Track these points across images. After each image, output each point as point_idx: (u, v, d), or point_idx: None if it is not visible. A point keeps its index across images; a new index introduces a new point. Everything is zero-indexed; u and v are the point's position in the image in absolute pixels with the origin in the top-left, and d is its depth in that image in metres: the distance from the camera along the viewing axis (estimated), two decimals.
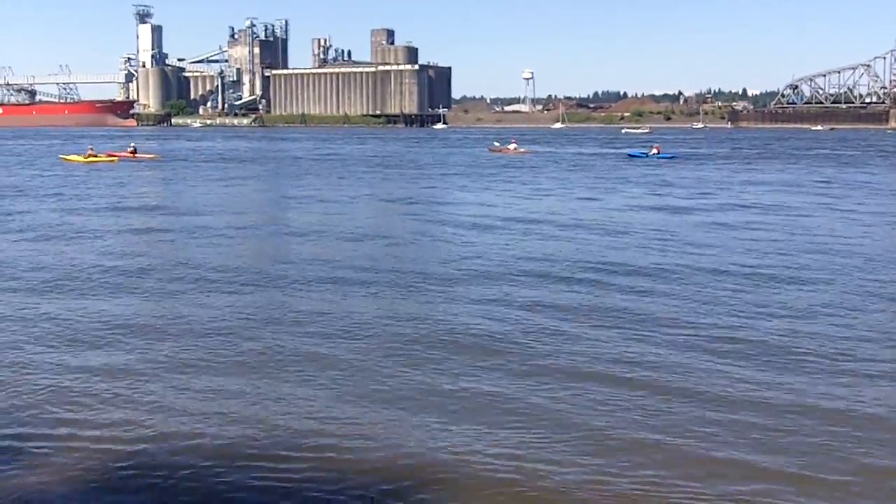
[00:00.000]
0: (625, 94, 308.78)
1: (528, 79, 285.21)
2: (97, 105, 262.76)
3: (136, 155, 65.09)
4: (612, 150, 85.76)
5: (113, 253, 20.45)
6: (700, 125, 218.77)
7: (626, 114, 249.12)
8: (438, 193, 38.31)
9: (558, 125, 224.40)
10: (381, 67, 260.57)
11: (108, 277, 17.18)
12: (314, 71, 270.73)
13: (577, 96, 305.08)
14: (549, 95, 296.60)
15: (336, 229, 24.78)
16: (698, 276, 17.27)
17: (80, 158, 61.45)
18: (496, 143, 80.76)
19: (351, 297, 15.27)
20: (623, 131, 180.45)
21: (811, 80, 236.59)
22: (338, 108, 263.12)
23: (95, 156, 61.62)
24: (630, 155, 70.24)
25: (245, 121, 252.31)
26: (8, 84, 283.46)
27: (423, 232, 24.60)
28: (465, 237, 23.29)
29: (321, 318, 13.53)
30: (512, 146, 75.69)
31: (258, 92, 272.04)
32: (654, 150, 66.85)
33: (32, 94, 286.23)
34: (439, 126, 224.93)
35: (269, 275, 17.42)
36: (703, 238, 22.99)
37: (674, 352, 11.74)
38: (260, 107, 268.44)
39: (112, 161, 61.31)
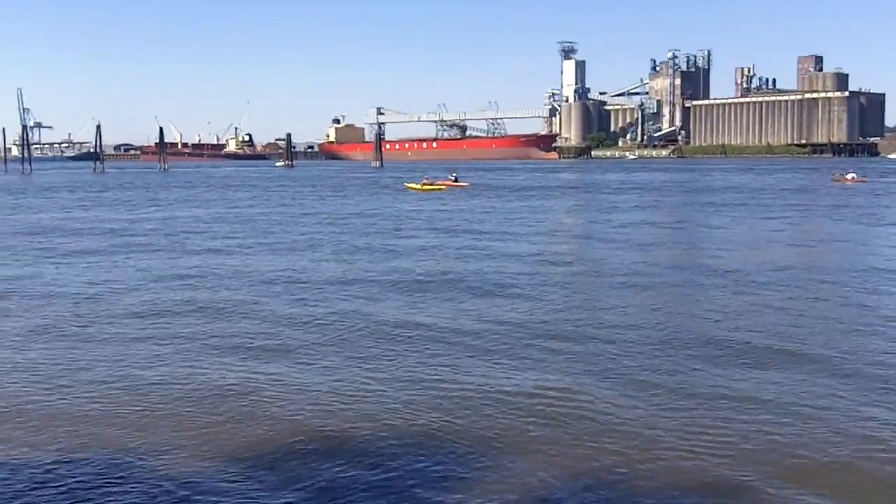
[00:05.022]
0: None
1: None
2: (522, 139, 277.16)
3: (457, 183, 74.44)
4: None
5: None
6: None
7: None
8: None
9: None
10: (807, 95, 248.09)
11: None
12: (736, 100, 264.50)
13: None
14: None
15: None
16: None
17: (418, 186, 70.52)
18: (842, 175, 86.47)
19: None
20: None
21: None
22: (760, 138, 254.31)
23: (431, 184, 70.88)
24: None
25: (664, 152, 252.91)
26: (442, 120, 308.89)
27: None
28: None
29: None
30: (850, 176, 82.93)
31: (677, 123, 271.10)
32: None
33: (463, 129, 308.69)
34: (894, 156, 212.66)
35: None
36: None
37: None
38: (679, 138, 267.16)
39: (441, 189, 69.92)
